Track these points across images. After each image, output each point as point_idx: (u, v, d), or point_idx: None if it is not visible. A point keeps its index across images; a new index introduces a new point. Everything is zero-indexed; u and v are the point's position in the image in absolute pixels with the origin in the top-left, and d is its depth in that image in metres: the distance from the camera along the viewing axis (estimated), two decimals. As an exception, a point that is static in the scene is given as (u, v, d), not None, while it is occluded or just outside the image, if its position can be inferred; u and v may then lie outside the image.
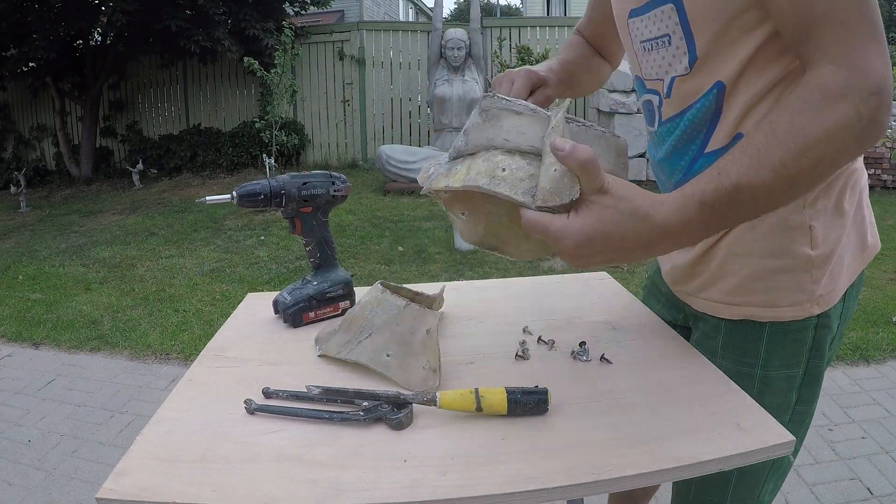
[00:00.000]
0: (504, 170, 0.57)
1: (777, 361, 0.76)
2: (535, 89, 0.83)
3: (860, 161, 0.77)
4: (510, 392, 0.63)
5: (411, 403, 0.63)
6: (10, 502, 1.84)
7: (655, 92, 0.79)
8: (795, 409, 0.77)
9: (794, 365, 0.76)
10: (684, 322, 0.91)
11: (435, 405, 0.62)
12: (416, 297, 0.90)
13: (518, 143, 0.58)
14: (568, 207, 0.55)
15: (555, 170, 0.54)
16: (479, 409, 0.62)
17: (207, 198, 0.86)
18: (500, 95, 0.60)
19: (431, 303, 0.92)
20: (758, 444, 0.57)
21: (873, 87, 0.56)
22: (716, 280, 0.79)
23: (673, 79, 0.74)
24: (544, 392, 0.63)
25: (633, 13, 0.78)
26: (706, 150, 0.73)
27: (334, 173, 0.93)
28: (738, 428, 0.60)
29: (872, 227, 0.80)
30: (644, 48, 0.78)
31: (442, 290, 0.95)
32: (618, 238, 0.55)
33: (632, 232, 0.55)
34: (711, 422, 0.61)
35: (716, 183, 0.56)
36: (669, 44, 0.72)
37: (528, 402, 0.62)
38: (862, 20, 0.56)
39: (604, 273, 1.14)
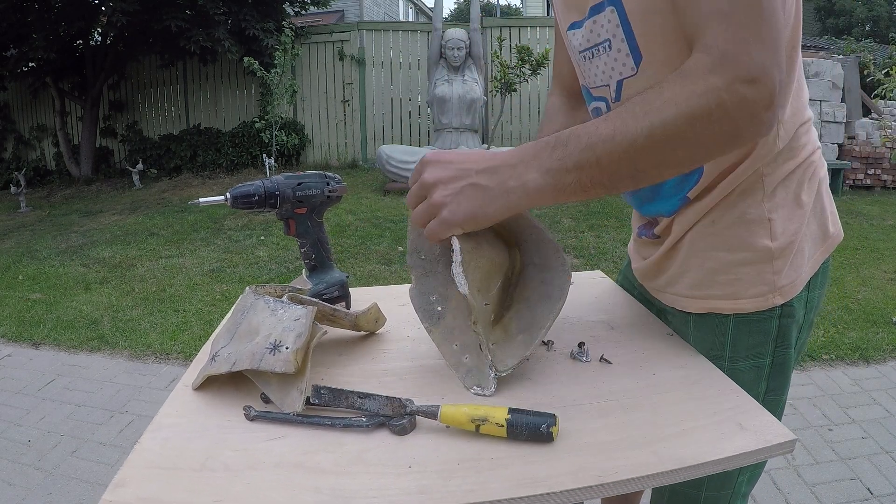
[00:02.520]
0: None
1: (743, 352, 0.78)
2: None
3: (817, 153, 0.78)
4: (513, 414, 0.59)
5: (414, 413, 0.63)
6: (10, 502, 1.84)
7: (603, 98, 0.80)
8: (765, 399, 0.78)
9: (761, 355, 0.77)
10: (658, 316, 0.92)
11: (436, 419, 0.61)
12: (333, 315, 0.80)
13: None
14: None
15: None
16: (477, 430, 0.59)
17: (200, 200, 0.85)
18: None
19: (355, 321, 0.82)
20: (760, 444, 0.57)
21: (743, 75, 0.55)
22: (680, 275, 0.81)
23: (620, 82, 0.74)
24: (552, 421, 0.58)
25: (572, 26, 0.79)
26: None
27: (329, 173, 0.92)
28: (739, 427, 0.60)
29: (834, 217, 0.82)
30: (584, 58, 0.78)
31: (371, 308, 0.85)
32: (462, 155, 0.64)
33: (474, 155, 0.65)
34: (713, 422, 0.61)
35: (561, 132, 0.62)
36: (610, 48, 0.73)
37: (531, 429, 0.58)
38: (749, 14, 0.56)
39: (599, 272, 1.14)
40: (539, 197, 0.61)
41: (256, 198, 0.85)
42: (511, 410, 0.59)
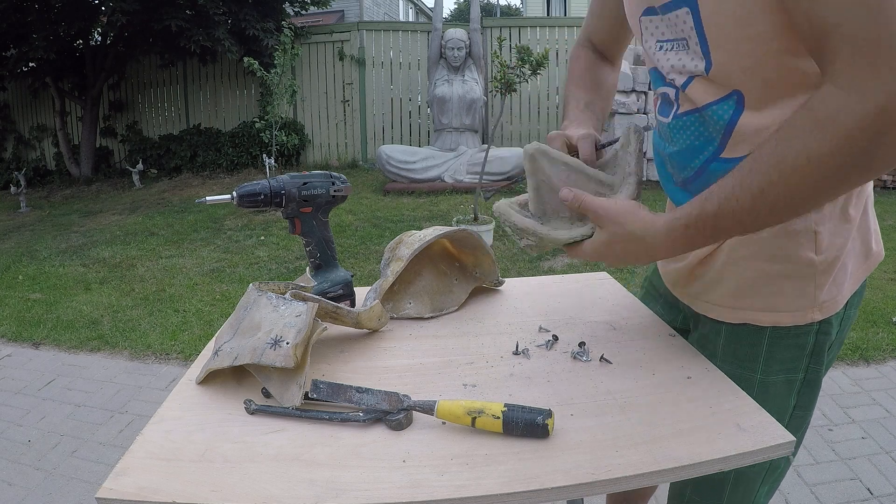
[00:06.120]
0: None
1: (777, 366, 0.76)
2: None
3: None
4: (509, 408, 0.60)
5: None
6: (9, 502, 1.84)
7: (673, 85, 0.77)
8: (794, 414, 0.77)
9: (794, 370, 0.76)
10: (683, 324, 0.91)
11: (432, 414, 0.61)
12: (336, 312, 0.82)
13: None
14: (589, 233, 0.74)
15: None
16: (473, 423, 0.60)
17: (207, 198, 0.86)
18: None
19: (357, 318, 0.84)
20: (757, 445, 0.57)
21: (875, 108, 0.52)
22: (717, 283, 0.78)
23: (692, 77, 0.72)
24: (548, 414, 0.59)
25: (647, 11, 0.76)
26: (722, 155, 0.72)
27: (334, 173, 0.93)
28: (738, 428, 0.60)
29: (877, 235, 0.79)
30: (660, 47, 0.76)
31: (373, 306, 0.86)
32: (620, 251, 0.70)
33: (632, 247, 0.69)
34: (711, 422, 0.61)
35: (700, 208, 0.63)
36: (687, 48, 0.70)
37: (527, 421, 0.59)
38: (877, 33, 0.52)
39: (604, 273, 1.14)
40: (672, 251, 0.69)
41: (262, 197, 0.86)
42: (507, 405, 0.60)
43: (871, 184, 0.77)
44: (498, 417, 0.59)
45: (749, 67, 0.65)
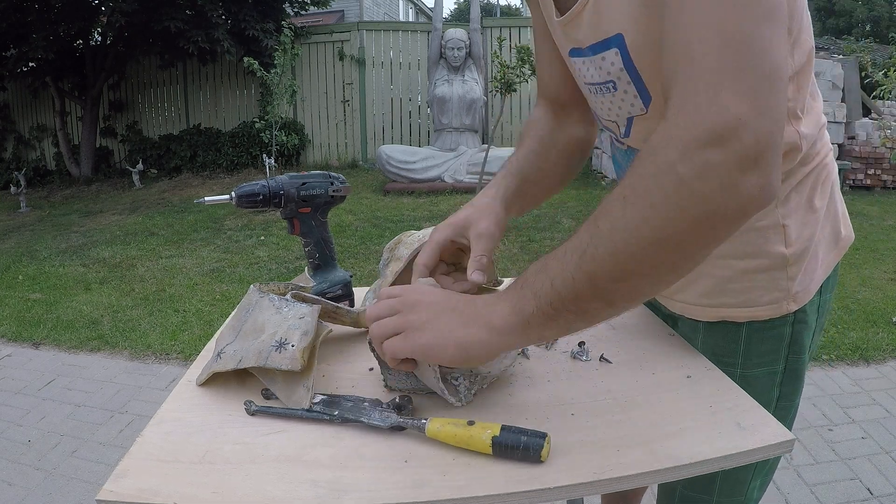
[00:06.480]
0: None
1: (756, 359, 0.76)
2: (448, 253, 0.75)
3: (830, 156, 0.76)
4: (504, 429, 0.56)
5: (408, 409, 0.63)
6: (9, 502, 1.85)
7: (612, 131, 0.77)
8: (778, 405, 0.77)
9: (774, 362, 0.76)
10: (665, 322, 0.91)
11: (423, 432, 0.59)
12: (335, 312, 0.82)
13: None
14: None
15: None
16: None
17: (206, 198, 0.86)
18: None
19: (356, 318, 0.84)
20: (757, 443, 0.57)
21: (703, 134, 0.44)
22: (691, 282, 0.78)
23: (630, 119, 0.71)
24: (542, 437, 0.55)
25: (574, 52, 0.73)
26: None
27: (333, 173, 0.93)
28: (737, 427, 0.60)
29: (845, 219, 0.80)
30: (589, 90, 0.75)
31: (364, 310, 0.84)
32: (436, 295, 0.60)
33: (444, 295, 0.60)
34: (711, 421, 0.61)
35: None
36: (615, 89, 0.68)
37: (518, 449, 0.55)
38: (726, 52, 0.45)
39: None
40: (507, 331, 0.55)
41: (261, 197, 0.86)
42: (493, 441, 0.55)
43: (835, 171, 0.77)
44: (488, 445, 0.55)
45: None
